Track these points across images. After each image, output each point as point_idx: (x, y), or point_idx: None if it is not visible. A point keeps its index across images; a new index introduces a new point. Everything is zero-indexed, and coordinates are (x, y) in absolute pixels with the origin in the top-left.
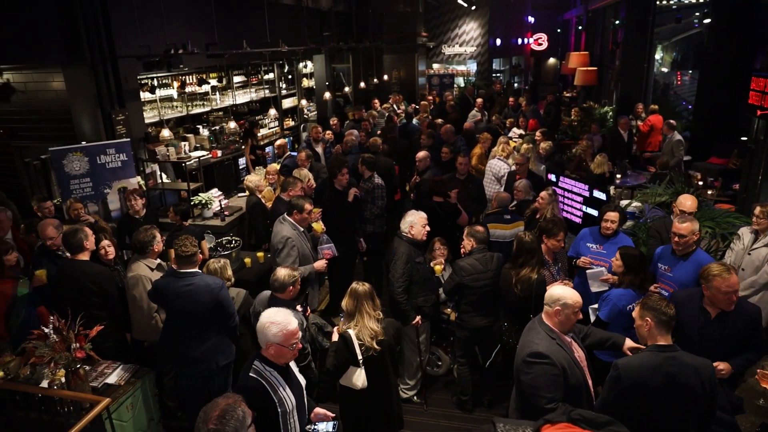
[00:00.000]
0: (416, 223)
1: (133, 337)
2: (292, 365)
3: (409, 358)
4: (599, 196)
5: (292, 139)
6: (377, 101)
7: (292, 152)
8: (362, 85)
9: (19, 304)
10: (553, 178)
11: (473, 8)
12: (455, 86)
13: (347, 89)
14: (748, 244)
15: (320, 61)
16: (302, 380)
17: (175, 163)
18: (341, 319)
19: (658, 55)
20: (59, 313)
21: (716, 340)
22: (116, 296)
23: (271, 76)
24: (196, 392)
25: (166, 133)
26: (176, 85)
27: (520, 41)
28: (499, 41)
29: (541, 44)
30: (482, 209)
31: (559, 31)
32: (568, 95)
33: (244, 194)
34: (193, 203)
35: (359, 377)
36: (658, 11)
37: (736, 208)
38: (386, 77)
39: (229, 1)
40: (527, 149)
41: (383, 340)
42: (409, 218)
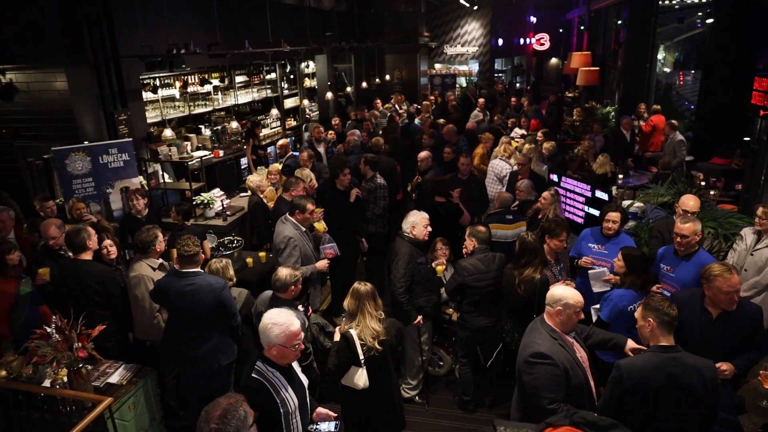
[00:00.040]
0: (418, 223)
1: (135, 336)
2: (294, 365)
3: (411, 357)
4: (601, 196)
5: (294, 139)
6: (379, 101)
7: (294, 152)
8: (364, 85)
9: (21, 303)
10: (555, 178)
11: (475, 8)
12: (457, 86)
13: (349, 89)
14: (750, 244)
15: (322, 61)
16: (305, 380)
17: (177, 163)
18: (343, 318)
19: (660, 55)
20: (62, 312)
21: (718, 340)
22: (119, 296)
23: (273, 76)
24: (197, 392)
25: (168, 132)
26: (178, 85)
27: (522, 41)
28: (501, 41)
29: (543, 44)
30: (484, 209)
31: (561, 31)
32: (570, 95)
33: (246, 194)
34: (195, 203)
35: (361, 377)
36: (660, 11)
37: (738, 208)
38: (388, 77)
39: (231, 1)
40: (529, 149)
41: (385, 340)
42: (411, 218)
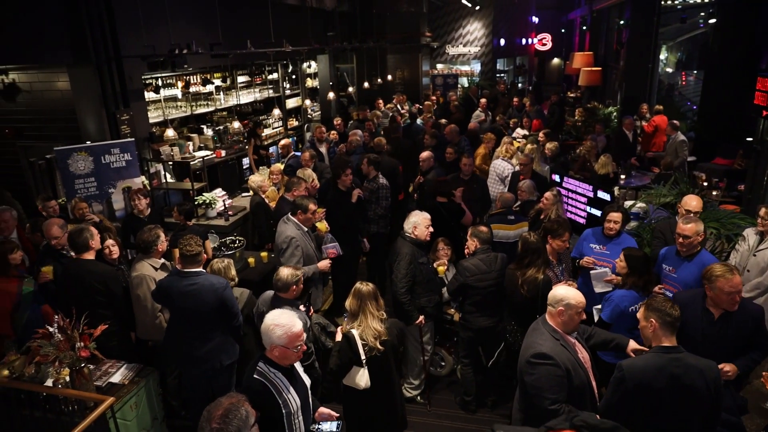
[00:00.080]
0: (420, 223)
1: (137, 336)
2: (297, 365)
3: (413, 357)
4: (603, 196)
5: (296, 139)
6: (381, 101)
7: (296, 152)
8: (366, 85)
9: (24, 302)
10: (557, 178)
11: (477, 8)
12: (459, 86)
13: (351, 89)
14: (753, 245)
15: (324, 61)
16: (307, 380)
17: (179, 162)
18: (345, 318)
19: (662, 55)
20: (64, 312)
21: (719, 340)
22: (121, 295)
23: (275, 76)
24: (199, 392)
25: (170, 132)
26: (180, 85)
27: (524, 41)
28: (503, 41)
29: (545, 44)
30: (487, 210)
31: (563, 31)
32: (572, 95)
33: (247, 194)
34: (197, 203)
35: (362, 377)
36: (663, 11)
37: (741, 209)
38: (390, 77)
39: (233, 1)
40: (531, 150)
41: (386, 340)
42: (412, 219)
